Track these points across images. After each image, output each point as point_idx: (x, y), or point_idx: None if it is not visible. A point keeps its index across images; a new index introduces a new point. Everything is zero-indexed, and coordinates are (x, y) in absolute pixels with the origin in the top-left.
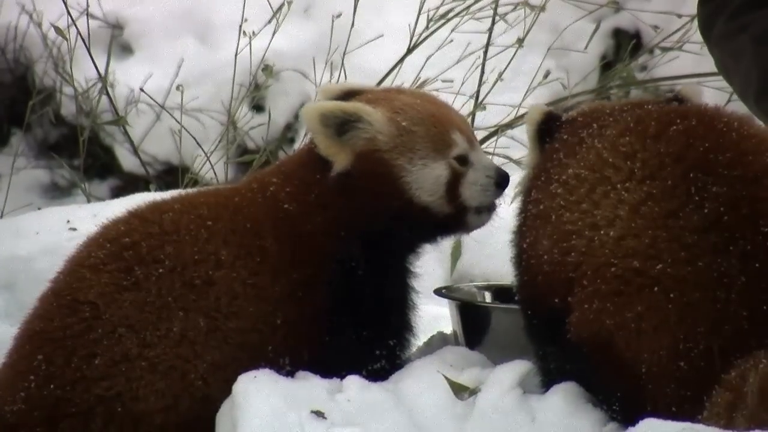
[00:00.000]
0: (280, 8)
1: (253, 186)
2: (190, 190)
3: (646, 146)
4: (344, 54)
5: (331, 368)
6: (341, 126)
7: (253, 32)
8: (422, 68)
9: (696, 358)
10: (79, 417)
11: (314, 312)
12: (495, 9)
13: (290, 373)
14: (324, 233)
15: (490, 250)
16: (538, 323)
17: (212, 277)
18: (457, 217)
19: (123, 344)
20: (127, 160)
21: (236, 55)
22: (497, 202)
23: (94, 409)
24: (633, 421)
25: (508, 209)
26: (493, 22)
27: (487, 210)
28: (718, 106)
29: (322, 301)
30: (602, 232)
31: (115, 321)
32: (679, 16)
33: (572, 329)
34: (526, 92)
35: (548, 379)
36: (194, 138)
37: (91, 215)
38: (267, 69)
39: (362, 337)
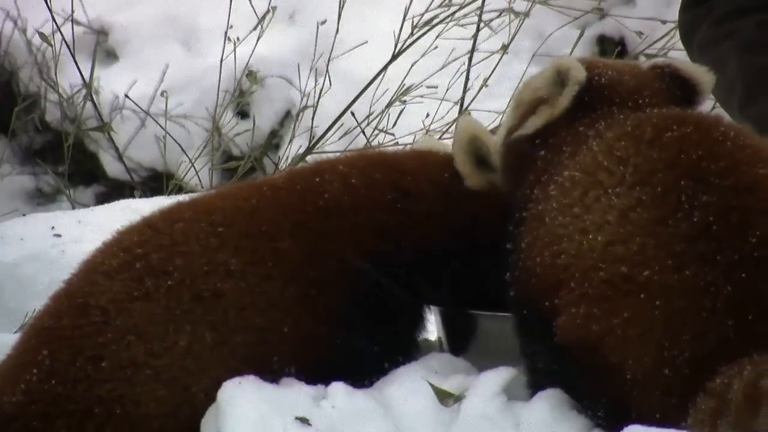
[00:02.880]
0: (265, 15)
1: (278, 182)
2: (211, 191)
3: (640, 151)
4: (329, 60)
5: (334, 376)
6: (482, 159)
7: (238, 38)
8: (407, 75)
9: (680, 365)
10: (76, 415)
11: (328, 312)
12: (480, 16)
13: (275, 380)
14: (382, 231)
15: None
16: (529, 322)
17: (221, 289)
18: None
19: (131, 351)
20: (112, 167)
21: (221, 61)
22: None
23: (93, 409)
24: (618, 428)
25: None
26: (478, 29)
27: None
28: (719, 114)
29: (339, 300)
30: (591, 236)
31: (125, 329)
32: (664, 22)
33: (559, 332)
34: (511, 98)
35: (535, 379)
36: (179, 144)
37: (75, 221)
38: (252, 75)
39: (373, 350)
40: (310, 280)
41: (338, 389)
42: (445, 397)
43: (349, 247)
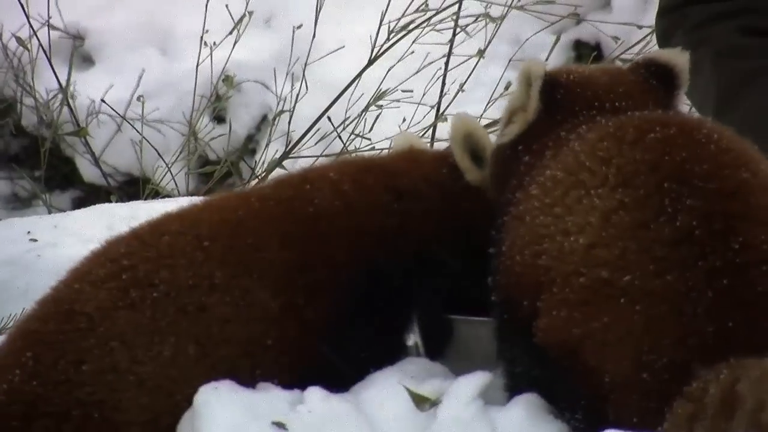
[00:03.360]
0: (241, 19)
1: (266, 192)
2: (197, 200)
3: (623, 152)
4: (305, 65)
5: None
6: (473, 155)
7: (215, 43)
8: (383, 79)
9: (659, 370)
10: (54, 417)
11: (316, 321)
12: (456, 21)
13: (252, 385)
14: (377, 234)
15: None
16: (509, 324)
17: (205, 304)
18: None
19: (113, 357)
20: (89, 171)
21: (197, 66)
22: None
23: (71, 412)
24: None
25: None
26: (454, 34)
27: None
28: (702, 117)
29: (328, 309)
30: (572, 238)
31: (109, 335)
32: (640, 27)
33: (540, 333)
34: (487, 104)
35: (513, 383)
36: (155, 149)
37: (51, 226)
38: (228, 80)
39: (361, 356)
40: (297, 289)
41: (314, 394)
42: (421, 402)
43: (341, 253)
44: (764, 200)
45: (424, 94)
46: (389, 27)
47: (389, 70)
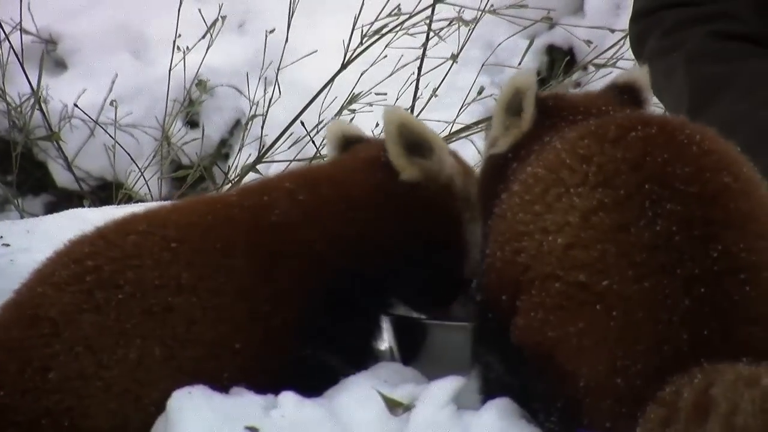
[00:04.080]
0: (214, 23)
1: (232, 199)
2: (166, 203)
3: (604, 150)
4: (278, 69)
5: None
6: (413, 145)
7: (188, 48)
8: (356, 84)
9: (633, 376)
10: (23, 426)
11: (283, 329)
12: (429, 25)
13: (221, 389)
14: (339, 243)
15: None
16: (489, 324)
17: (171, 304)
18: (464, 287)
19: (79, 362)
20: (61, 176)
21: (170, 70)
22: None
23: (40, 420)
24: None
25: None
26: (427, 38)
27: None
28: (684, 118)
29: (294, 317)
30: (551, 237)
31: (74, 340)
32: (612, 31)
33: (517, 332)
34: (461, 108)
35: (487, 388)
36: (128, 153)
37: (24, 231)
38: (201, 84)
39: (330, 362)
40: (264, 298)
41: (288, 399)
42: (394, 407)
43: (305, 263)
44: (745, 205)
45: (397, 99)
46: (362, 31)
47: (362, 75)
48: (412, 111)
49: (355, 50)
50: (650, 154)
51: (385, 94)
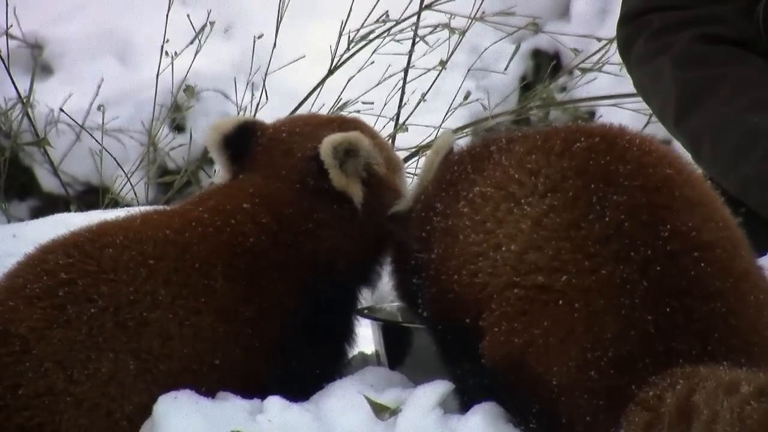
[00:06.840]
0: (202, 28)
1: (204, 217)
2: (138, 214)
3: (551, 162)
4: (265, 74)
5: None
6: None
7: (175, 52)
8: (343, 89)
9: (605, 366)
10: None
11: (263, 348)
12: (415, 31)
13: (211, 394)
14: (309, 262)
15: None
16: (451, 339)
17: (146, 319)
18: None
19: (49, 378)
20: (47, 181)
21: (157, 75)
22: None
23: None
24: None
25: None
26: (413, 44)
27: None
28: (623, 126)
29: (274, 336)
30: (504, 249)
31: (43, 356)
32: (599, 39)
33: (486, 354)
34: (447, 113)
35: (468, 398)
36: (115, 158)
37: (10, 235)
38: (188, 89)
39: (309, 374)
40: (244, 319)
41: (274, 403)
42: (381, 411)
43: (281, 283)
44: (690, 192)
45: (385, 105)
46: (349, 37)
47: (349, 80)
48: (398, 116)
49: (342, 56)
50: (594, 159)
51: (372, 103)
